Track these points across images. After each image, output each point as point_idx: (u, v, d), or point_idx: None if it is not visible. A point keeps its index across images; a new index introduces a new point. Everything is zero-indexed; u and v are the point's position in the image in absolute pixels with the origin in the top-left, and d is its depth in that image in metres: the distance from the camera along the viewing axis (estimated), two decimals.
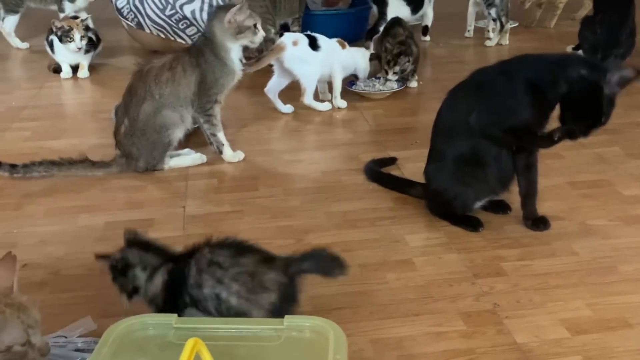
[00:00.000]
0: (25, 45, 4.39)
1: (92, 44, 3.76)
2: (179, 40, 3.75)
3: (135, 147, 2.45)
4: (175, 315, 1.36)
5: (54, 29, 3.64)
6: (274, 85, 3.08)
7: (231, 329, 1.33)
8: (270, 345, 1.31)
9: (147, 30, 3.75)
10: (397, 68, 3.24)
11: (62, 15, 4.25)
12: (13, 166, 2.42)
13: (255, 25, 2.48)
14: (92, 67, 3.81)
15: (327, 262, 1.45)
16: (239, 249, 1.46)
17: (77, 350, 1.50)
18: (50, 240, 2.05)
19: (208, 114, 2.51)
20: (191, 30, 3.70)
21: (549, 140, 1.88)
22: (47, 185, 2.41)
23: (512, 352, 1.52)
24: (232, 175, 2.50)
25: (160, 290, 1.48)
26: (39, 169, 2.42)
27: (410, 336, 1.58)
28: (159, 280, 1.48)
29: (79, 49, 3.62)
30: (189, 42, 3.68)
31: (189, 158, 2.57)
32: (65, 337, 1.55)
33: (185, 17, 3.68)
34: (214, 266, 1.42)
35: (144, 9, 3.70)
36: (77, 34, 3.60)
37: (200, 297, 1.42)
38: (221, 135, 2.57)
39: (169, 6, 3.67)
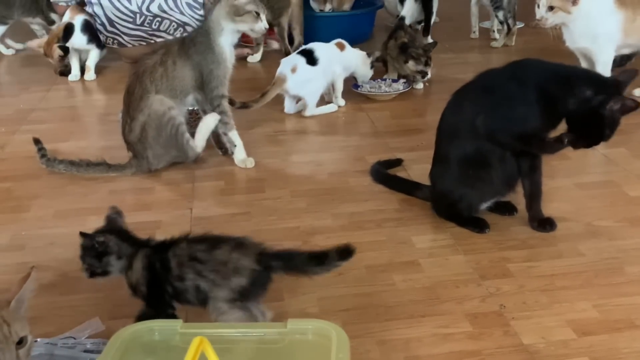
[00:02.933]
0: (10, 51, 4.41)
1: (97, 43, 3.79)
2: (159, 41, 3.80)
3: (140, 144, 2.47)
4: (181, 320, 1.37)
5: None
6: (290, 104, 3.11)
7: (235, 332, 1.34)
8: (274, 348, 1.32)
9: (129, 45, 3.83)
10: (431, 63, 3.31)
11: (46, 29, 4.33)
12: (43, 155, 2.53)
13: (257, 13, 2.44)
14: (99, 70, 3.83)
15: (300, 263, 1.50)
16: (213, 241, 1.52)
17: (86, 351, 1.51)
18: (58, 242, 2.06)
19: (219, 112, 2.51)
20: (164, 25, 3.77)
21: (559, 144, 1.89)
22: (55, 187, 2.43)
23: (518, 354, 1.52)
24: (239, 177, 2.51)
25: (141, 276, 1.53)
26: (59, 166, 2.51)
27: (417, 337, 1.58)
28: (138, 266, 1.54)
29: None
30: (168, 37, 3.77)
31: (207, 121, 2.53)
32: (74, 339, 1.57)
33: (156, 15, 3.74)
34: (193, 260, 1.49)
35: (118, 29, 3.78)
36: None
37: (182, 288, 1.50)
38: (233, 135, 2.56)
39: (137, 15, 3.74)
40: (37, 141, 2.57)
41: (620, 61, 3.24)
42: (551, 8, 2.85)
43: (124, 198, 2.35)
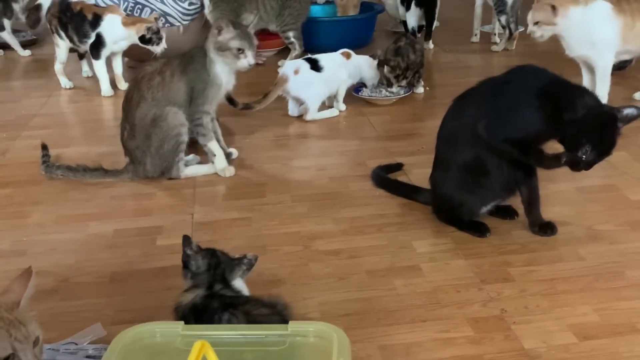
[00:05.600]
0: None
1: None
2: None
3: (140, 151, 2.48)
4: (182, 322, 1.37)
5: (145, 32, 3.32)
6: (293, 106, 3.13)
7: (237, 335, 1.34)
8: (275, 350, 1.32)
9: None
10: (404, 82, 3.26)
11: (3, 33, 4.30)
12: (45, 161, 2.55)
13: (240, 50, 2.43)
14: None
15: None
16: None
17: (88, 357, 1.52)
18: (60, 248, 2.06)
19: (196, 124, 2.50)
20: (145, 13, 3.76)
21: (556, 161, 1.88)
22: (56, 193, 2.43)
23: (519, 358, 1.52)
24: (239, 182, 2.51)
25: (185, 307, 1.49)
26: (57, 171, 2.52)
27: (418, 342, 1.58)
28: (188, 299, 1.50)
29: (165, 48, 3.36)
30: None
31: (205, 167, 2.56)
32: (76, 344, 1.57)
33: (137, 3, 3.76)
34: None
35: None
36: (164, 34, 3.36)
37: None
38: (212, 145, 2.54)
39: (121, 1, 3.75)
40: (44, 147, 2.59)
41: (619, 64, 3.24)
42: (537, 22, 2.85)
43: (125, 204, 2.35)
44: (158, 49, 3.35)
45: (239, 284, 1.57)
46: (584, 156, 1.83)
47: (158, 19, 3.44)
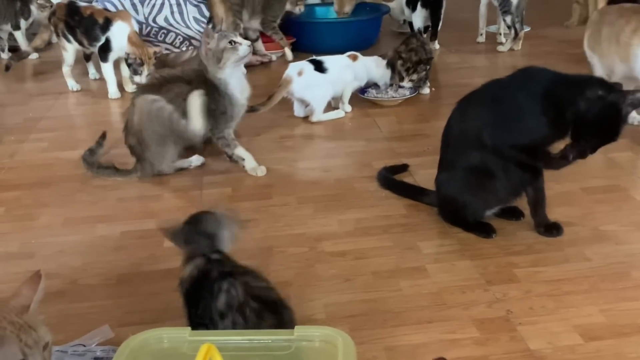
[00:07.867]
0: None
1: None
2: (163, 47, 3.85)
3: (140, 148, 2.50)
4: (189, 328, 1.38)
5: (126, 56, 3.46)
6: (299, 107, 3.14)
7: (244, 340, 1.35)
8: (281, 355, 1.33)
9: None
10: (414, 76, 3.26)
11: (17, 32, 4.34)
12: (91, 149, 2.64)
13: (231, 42, 2.43)
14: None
15: None
16: (268, 308, 1.44)
17: (96, 358, 1.53)
18: (67, 250, 2.08)
19: (218, 137, 2.55)
20: (170, 37, 3.79)
21: (564, 161, 1.88)
22: (64, 195, 2.44)
23: (525, 359, 1.53)
24: (246, 183, 2.52)
25: (186, 280, 1.51)
26: (83, 163, 2.60)
27: (424, 343, 1.59)
28: (187, 272, 1.51)
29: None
30: (173, 49, 3.87)
31: (193, 100, 2.51)
32: (84, 346, 1.58)
33: (161, 27, 3.80)
34: (240, 316, 1.41)
35: None
36: (145, 70, 3.43)
37: (212, 324, 1.43)
38: (238, 151, 2.57)
39: (143, 25, 3.79)
40: (103, 135, 2.69)
41: None
42: None
43: (132, 206, 2.36)
44: (136, 78, 3.45)
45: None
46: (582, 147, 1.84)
47: (158, 53, 3.51)
